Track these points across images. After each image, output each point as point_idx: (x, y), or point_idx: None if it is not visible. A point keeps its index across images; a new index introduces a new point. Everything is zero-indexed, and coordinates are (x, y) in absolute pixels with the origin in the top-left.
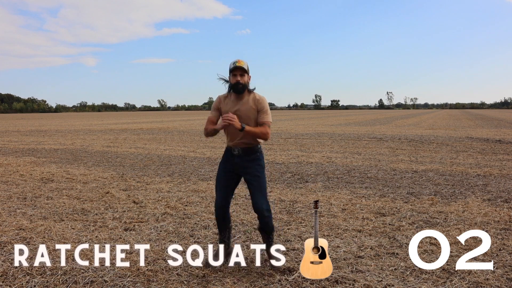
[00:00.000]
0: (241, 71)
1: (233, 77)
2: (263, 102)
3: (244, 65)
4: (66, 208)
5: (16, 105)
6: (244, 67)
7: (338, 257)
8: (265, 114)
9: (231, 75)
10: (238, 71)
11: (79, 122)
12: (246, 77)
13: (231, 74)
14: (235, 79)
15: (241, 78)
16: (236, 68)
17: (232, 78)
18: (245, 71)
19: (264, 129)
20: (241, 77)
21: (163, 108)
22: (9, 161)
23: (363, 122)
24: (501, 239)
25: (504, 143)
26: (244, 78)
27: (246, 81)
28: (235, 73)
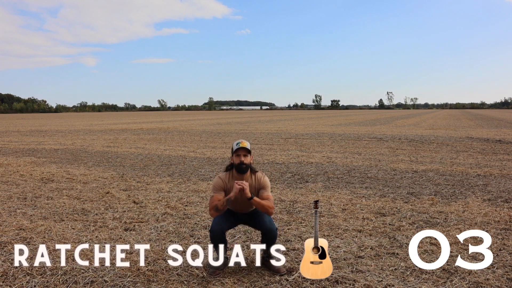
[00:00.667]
0: (244, 151)
1: (237, 157)
2: (265, 181)
3: (248, 146)
4: (66, 208)
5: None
6: (248, 148)
7: (339, 257)
8: (267, 191)
9: (234, 156)
10: (242, 152)
11: (79, 122)
12: (249, 157)
13: (234, 154)
14: (239, 159)
15: (245, 158)
16: (240, 149)
17: (236, 158)
18: (248, 151)
19: (271, 203)
20: (245, 157)
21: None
22: (9, 161)
23: (363, 122)
24: (501, 239)
25: (504, 143)
26: (247, 159)
27: (249, 161)
28: (239, 153)
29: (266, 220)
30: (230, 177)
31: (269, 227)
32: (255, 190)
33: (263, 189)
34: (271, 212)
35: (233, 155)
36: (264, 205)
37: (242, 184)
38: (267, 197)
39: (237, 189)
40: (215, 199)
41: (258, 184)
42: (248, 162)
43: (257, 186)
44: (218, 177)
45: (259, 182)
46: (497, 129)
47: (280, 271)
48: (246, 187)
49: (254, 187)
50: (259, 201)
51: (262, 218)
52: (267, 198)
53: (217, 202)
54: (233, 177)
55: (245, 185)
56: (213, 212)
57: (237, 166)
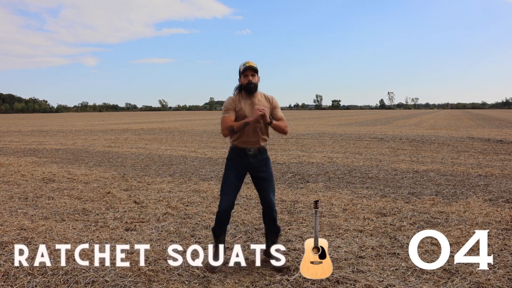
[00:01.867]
0: (252, 71)
1: (245, 77)
2: (275, 100)
3: (255, 65)
4: (67, 208)
5: (18, 105)
6: (256, 67)
7: (339, 257)
8: (279, 110)
9: (242, 76)
10: (250, 72)
11: (80, 122)
12: (257, 77)
13: (242, 75)
14: (247, 79)
15: (253, 78)
16: (247, 68)
17: (244, 78)
18: (256, 71)
19: (285, 123)
20: (253, 77)
21: (164, 108)
22: (10, 161)
23: (364, 122)
24: (502, 239)
25: (505, 143)
26: (255, 78)
27: (257, 81)
28: (247, 73)
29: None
30: (240, 98)
31: (272, 203)
32: (269, 110)
33: (276, 109)
34: (287, 131)
35: (241, 76)
36: (281, 126)
37: (263, 110)
38: (280, 118)
39: (258, 115)
40: (227, 119)
41: (270, 104)
42: (256, 81)
43: (270, 106)
44: (229, 97)
45: (271, 101)
46: (498, 129)
47: (281, 269)
48: (267, 112)
49: (267, 107)
50: (277, 123)
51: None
52: (280, 118)
53: (232, 123)
54: (243, 97)
55: (265, 111)
56: (227, 132)
57: (246, 86)
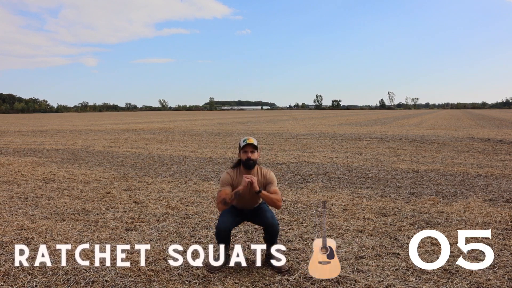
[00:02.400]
0: (252, 148)
1: (244, 153)
2: (271, 176)
3: (255, 142)
4: (67, 208)
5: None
6: (255, 144)
7: (339, 257)
8: (274, 184)
9: (241, 152)
10: (249, 148)
11: (80, 122)
12: (256, 154)
13: (241, 151)
14: (246, 155)
15: (252, 154)
16: (247, 145)
17: (243, 154)
18: (255, 148)
19: (277, 196)
20: (252, 154)
21: (164, 108)
22: (10, 161)
23: (364, 122)
24: (502, 239)
25: (505, 143)
26: (254, 155)
27: (256, 157)
28: (246, 149)
29: (268, 216)
30: (237, 173)
31: (271, 222)
32: (262, 185)
33: (270, 184)
34: (279, 205)
35: (240, 152)
36: (272, 198)
37: (250, 178)
38: (274, 191)
39: (246, 182)
40: (222, 193)
41: (264, 179)
42: (255, 158)
43: (264, 181)
44: (226, 173)
45: (266, 177)
46: (498, 129)
47: (281, 269)
48: (255, 180)
49: (261, 182)
50: (268, 194)
51: (264, 214)
52: (274, 192)
53: (225, 196)
54: (241, 173)
55: (253, 179)
56: (221, 205)
57: (245, 162)
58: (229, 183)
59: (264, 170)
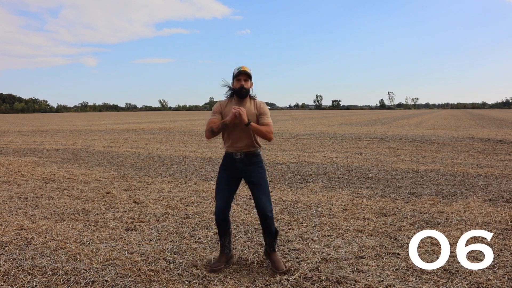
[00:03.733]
0: (245, 76)
1: (237, 82)
2: (264, 107)
3: (248, 70)
4: (67, 208)
5: (18, 105)
6: (249, 73)
7: (339, 257)
8: (267, 116)
9: (235, 80)
10: (243, 76)
11: (80, 122)
12: (250, 83)
13: (235, 79)
14: (239, 83)
15: (245, 83)
16: (241, 73)
17: (236, 82)
18: (249, 76)
19: (268, 128)
20: (245, 82)
21: (164, 108)
22: (10, 161)
23: (364, 122)
24: (502, 239)
25: (505, 143)
26: (247, 84)
27: (249, 86)
28: (240, 78)
29: (263, 199)
30: (229, 102)
31: (264, 208)
32: (255, 116)
33: (263, 115)
34: (270, 137)
35: (234, 80)
36: (262, 130)
37: (238, 109)
38: (267, 123)
39: (233, 114)
40: (211, 121)
41: (257, 110)
42: (248, 87)
43: (257, 112)
44: (218, 102)
45: (258, 107)
46: (498, 129)
47: (279, 269)
48: (243, 112)
49: (254, 113)
50: (257, 126)
51: (259, 194)
52: (267, 124)
53: (212, 124)
54: (233, 102)
55: (241, 110)
56: (208, 133)
57: (238, 90)
58: (219, 110)
59: (257, 101)
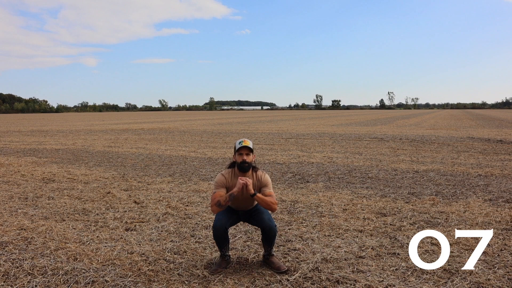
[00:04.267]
0: (247, 150)
1: (239, 156)
2: (266, 179)
3: (250, 144)
4: (67, 208)
5: (18, 105)
6: (250, 147)
7: (339, 257)
8: (268, 188)
9: (237, 154)
10: (245, 150)
11: (80, 123)
12: (251, 156)
13: (237, 153)
14: (242, 158)
15: (247, 157)
16: (242, 147)
17: (238, 156)
18: (251, 150)
19: (273, 199)
20: (247, 156)
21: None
22: (10, 161)
23: (364, 122)
24: (502, 239)
25: (505, 143)
26: (249, 157)
27: (251, 160)
28: (242, 152)
29: (265, 218)
30: (232, 175)
31: (268, 224)
32: (257, 188)
33: (265, 187)
34: (274, 208)
35: (236, 154)
36: (267, 201)
37: (245, 180)
38: (269, 194)
39: (240, 185)
40: (217, 195)
41: (259, 182)
42: (250, 160)
43: (259, 184)
44: (220, 174)
45: (261, 180)
46: (498, 129)
47: (280, 269)
48: (250, 183)
49: (256, 185)
50: (262, 197)
51: (261, 216)
52: (269, 195)
53: (219, 198)
54: (235, 175)
55: (248, 181)
56: (215, 207)
57: (240, 164)
58: (224, 185)
59: (259, 173)
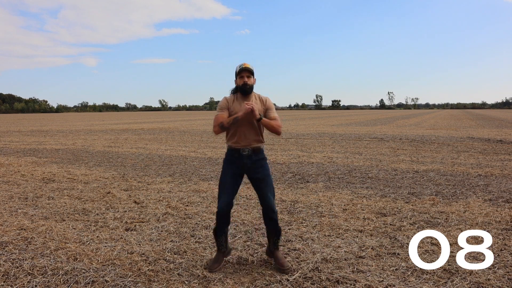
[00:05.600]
0: (248, 73)
1: (240, 78)
2: (270, 102)
3: (250, 67)
4: (67, 208)
5: (18, 105)
6: (251, 69)
7: (339, 257)
8: (273, 111)
9: (238, 77)
10: (246, 73)
11: (80, 122)
12: (252, 79)
13: (238, 76)
14: (243, 80)
15: (248, 79)
16: (243, 70)
17: (239, 80)
18: (251, 73)
19: (278, 122)
20: (248, 79)
21: (164, 108)
22: (10, 161)
23: (364, 122)
24: (502, 239)
25: (505, 143)
26: (250, 80)
27: (252, 83)
28: (243, 74)
29: (269, 195)
30: (234, 99)
31: (271, 205)
32: (262, 112)
33: (270, 110)
34: (279, 131)
35: (237, 77)
36: (273, 125)
37: (252, 105)
38: (274, 118)
39: (246, 109)
40: (219, 117)
41: (264, 105)
42: (251, 83)
43: (264, 108)
44: (223, 98)
45: (264, 103)
46: (498, 129)
47: (283, 265)
48: (256, 108)
49: (261, 109)
50: (268, 121)
51: (266, 191)
52: (274, 118)
53: (222, 119)
54: (238, 99)
55: (254, 106)
56: (218, 128)
57: (241, 87)
58: (226, 107)
59: (262, 97)
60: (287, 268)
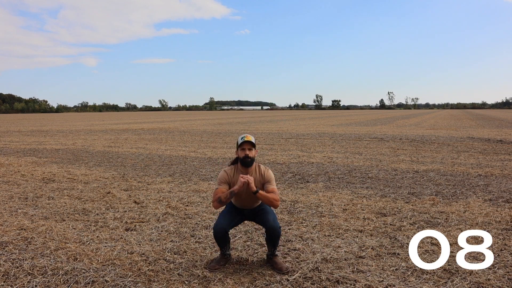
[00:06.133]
0: (249, 145)
1: (242, 151)
2: (269, 174)
3: (252, 139)
4: (67, 208)
5: (18, 105)
6: (253, 142)
7: (339, 257)
8: (271, 184)
9: (239, 149)
10: (247, 145)
11: (80, 122)
12: (254, 151)
13: (239, 148)
14: (244, 152)
15: (249, 152)
16: (245, 142)
17: (241, 151)
18: (253, 145)
19: (275, 196)
20: (249, 151)
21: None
22: (10, 161)
23: (364, 122)
24: (502, 239)
25: (505, 143)
26: (252, 152)
27: (253, 155)
28: (244, 147)
29: (270, 219)
30: (235, 171)
31: (273, 225)
32: (260, 184)
33: (268, 183)
34: (277, 204)
35: (238, 149)
36: (269, 198)
37: (247, 178)
38: (272, 190)
39: (241, 183)
40: (219, 191)
41: (262, 178)
42: (252, 156)
43: (262, 180)
44: (223, 171)
45: (264, 176)
46: (498, 129)
47: (282, 269)
48: (251, 180)
49: (259, 181)
50: (265, 194)
51: (266, 216)
52: (272, 191)
53: (220, 194)
54: (238, 171)
55: (250, 179)
56: (216, 204)
57: (242, 159)
58: (226, 181)
59: (262, 168)
60: (286, 270)
